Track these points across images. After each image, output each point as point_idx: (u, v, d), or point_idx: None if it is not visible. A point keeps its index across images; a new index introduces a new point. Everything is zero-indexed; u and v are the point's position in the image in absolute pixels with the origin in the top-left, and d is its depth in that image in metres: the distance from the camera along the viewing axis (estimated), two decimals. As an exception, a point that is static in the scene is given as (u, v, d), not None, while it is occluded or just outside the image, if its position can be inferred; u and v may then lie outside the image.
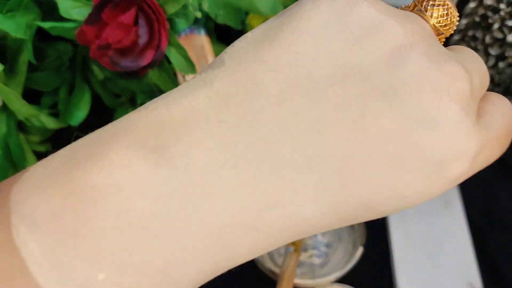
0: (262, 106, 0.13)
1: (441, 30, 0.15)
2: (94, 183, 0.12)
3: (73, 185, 0.12)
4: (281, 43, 0.13)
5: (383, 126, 0.13)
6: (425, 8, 0.15)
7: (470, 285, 0.42)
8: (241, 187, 0.12)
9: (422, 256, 0.44)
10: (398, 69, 0.13)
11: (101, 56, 0.40)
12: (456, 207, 0.48)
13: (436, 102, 0.13)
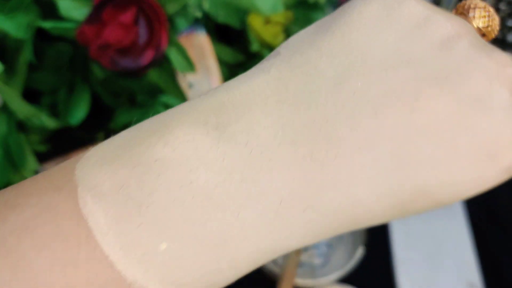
0: (319, 87, 0.13)
1: (483, 31, 0.16)
2: (158, 157, 0.12)
3: (138, 158, 0.12)
4: (335, 33, 0.14)
5: (437, 109, 0.13)
6: (468, 11, 0.16)
7: (470, 285, 0.42)
8: (299, 164, 0.13)
9: (422, 256, 0.44)
10: (449, 56, 0.13)
11: (101, 56, 0.40)
12: (456, 207, 0.48)
13: (487, 87, 0.13)
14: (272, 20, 0.49)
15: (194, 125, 0.13)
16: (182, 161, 0.12)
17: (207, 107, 0.13)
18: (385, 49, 0.13)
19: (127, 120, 0.53)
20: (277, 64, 0.14)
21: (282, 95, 0.13)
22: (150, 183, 0.12)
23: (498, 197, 0.50)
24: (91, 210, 0.12)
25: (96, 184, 0.12)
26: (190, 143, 0.13)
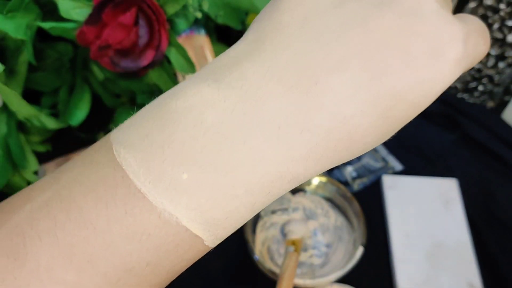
0: (290, 33, 0.16)
1: None
2: (173, 109, 0.15)
3: (157, 113, 0.16)
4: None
5: (384, 26, 0.16)
6: None
7: (470, 285, 0.42)
8: (287, 94, 0.15)
9: (422, 256, 0.44)
10: None
11: (101, 56, 0.40)
12: (456, 207, 0.48)
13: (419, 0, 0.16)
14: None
15: (198, 83, 0.16)
16: (192, 108, 0.15)
17: (205, 72, 0.17)
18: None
19: (127, 121, 0.53)
20: (251, 31, 0.17)
21: (261, 48, 0.16)
22: (168, 128, 0.15)
23: (497, 197, 0.50)
24: (124, 157, 0.15)
25: (126, 139, 0.16)
26: (196, 94, 0.15)
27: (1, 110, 0.45)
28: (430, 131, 0.57)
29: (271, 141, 0.15)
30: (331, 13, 0.16)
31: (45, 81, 0.47)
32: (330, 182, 0.46)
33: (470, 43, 0.17)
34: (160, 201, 0.15)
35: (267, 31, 0.17)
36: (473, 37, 0.18)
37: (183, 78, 0.47)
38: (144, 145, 0.15)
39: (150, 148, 0.15)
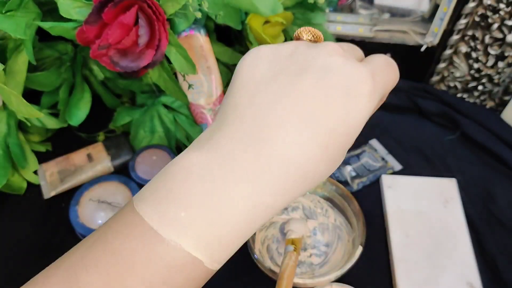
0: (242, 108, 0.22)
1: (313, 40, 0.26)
2: (171, 170, 0.22)
3: (162, 175, 0.22)
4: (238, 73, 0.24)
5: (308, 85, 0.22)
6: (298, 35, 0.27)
7: (470, 284, 0.42)
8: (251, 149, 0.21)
9: (421, 256, 0.44)
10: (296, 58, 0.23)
11: (101, 56, 0.40)
12: (456, 207, 0.48)
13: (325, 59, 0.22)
14: (272, 20, 0.49)
15: (187, 152, 0.22)
16: (183, 168, 0.21)
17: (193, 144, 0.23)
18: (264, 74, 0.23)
19: (127, 120, 0.53)
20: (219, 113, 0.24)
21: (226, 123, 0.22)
22: (169, 184, 0.21)
23: (497, 197, 0.50)
24: (141, 207, 0.21)
25: (142, 195, 0.22)
26: (186, 159, 0.22)
27: (1, 110, 0.45)
28: (430, 131, 0.57)
29: (243, 185, 0.21)
30: (268, 88, 0.22)
31: (45, 81, 0.47)
32: (329, 181, 0.46)
33: (378, 77, 0.23)
34: (167, 234, 0.20)
35: (228, 111, 0.23)
36: (379, 71, 0.23)
37: (183, 78, 0.47)
38: (153, 197, 0.21)
39: (158, 199, 0.21)
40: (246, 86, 0.23)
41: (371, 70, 0.23)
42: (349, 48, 0.26)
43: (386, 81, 0.24)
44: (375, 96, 0.23)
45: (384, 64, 0.24)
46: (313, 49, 0.23)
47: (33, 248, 0.45)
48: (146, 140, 0.53)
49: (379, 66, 0.24)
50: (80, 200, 0.46)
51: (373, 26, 0.59)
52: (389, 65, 0.25)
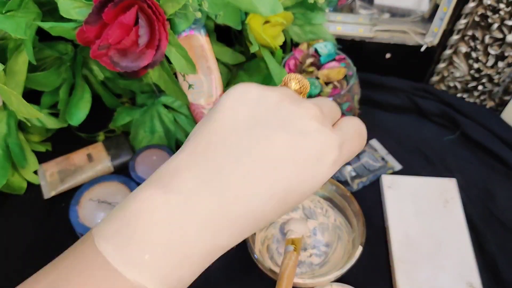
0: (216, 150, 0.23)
1: (299, 91, 0.27)
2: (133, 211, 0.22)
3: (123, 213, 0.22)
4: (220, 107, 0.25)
5: (281, 143, 0.23)
6: (286, 82, 0.27)
7: (469, 284, 0.42)
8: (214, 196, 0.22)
9: (421, 256, 0.44)
10: (278, 113, 0.24)
11: (101, 56, 0.40)
12: (455, 207, 0.48)
13: (304, 122, 0.24)
14: (272, 20, 0.49)
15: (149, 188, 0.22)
16: (145, 210, 0.21)
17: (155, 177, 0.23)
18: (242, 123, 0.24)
19: (127, 120, 0.53)
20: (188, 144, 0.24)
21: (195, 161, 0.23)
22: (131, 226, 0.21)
23: (497, 197, 0.50)
24: (104, 247, 0.21)
25: (103, 233, 0.22)
26: (148, 199, 0.22)
27: (1, 110, 0.45)
28: (430, 131, 0.57)
29: (204, 230, 0.22)
30: (244, 133, 0.23)
31: (45, 81, 0.47)
32: (329, 181, 0.46)
33: (345, 147, 0.25)
34: (132, 275, 0.20)
35: (200, 148, 0.23)
36: (347, 142, 0.25)
37: (183, 78, 0.47)
38: (117, 237, 0.21)
39: (121, 240, 0.21)
40: (224, 126, 0.24)
41: (341, 140, 0.25)
42: (329, 111, 0.27)
43: (352, 151, 0.26)
44: (338, 164, 0.25)
45: (354, 134, 0.26)
46: (297, 108, 0.24)
47: (33, 248, 0.45)
48: (146, 140, 0.53)
49: (349, 135, 0.26)
50: (80, 200, 0.46)
51: (373, 26, 0.59)
52: (359, 135, 0.27)
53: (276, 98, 0.25)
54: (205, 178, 0.22)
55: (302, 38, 0.55)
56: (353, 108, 0.53)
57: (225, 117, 0.24)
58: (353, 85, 0.50)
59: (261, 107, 0.24)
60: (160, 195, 0.22)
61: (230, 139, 0.23)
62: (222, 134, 0.23)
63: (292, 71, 0.52)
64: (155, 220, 0.21)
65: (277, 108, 0.24)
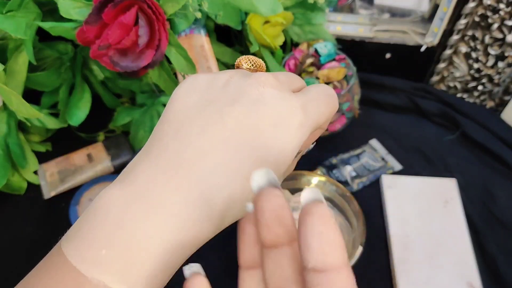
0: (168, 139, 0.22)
1: (254, 69, 0.27)
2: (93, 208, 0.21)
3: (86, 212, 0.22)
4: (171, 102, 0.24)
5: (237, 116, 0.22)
6: (238, 64, 0.27)
7: (470, 284, 0.42)
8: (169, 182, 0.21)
9: (422, 256, 0.44)
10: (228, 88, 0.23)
11: (101, 56, 0.40)
12: (455, 207, 0.48)
13: (258, 91, 0.23)
14: (272, 20, 0.49)
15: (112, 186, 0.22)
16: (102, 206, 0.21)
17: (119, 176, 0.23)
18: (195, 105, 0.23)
19: (127, 120, 0.53)
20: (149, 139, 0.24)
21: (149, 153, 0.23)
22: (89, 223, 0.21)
23: (497, 197, 0.50)
24: (65, 248, 0.21)
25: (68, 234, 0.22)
26: (107, 195, 0.21)
27: (1, 110, 0.45)
28: (430, 131, 0.57)
29: (163, 221, 0.21)
30: (196, 118, 0.22)
31: (45, 81, 0.47)
32: (329, 181, 0.46)
33: (310, 108, 0.23)
34: (90, 272, 0.20)
35: (154, 141, 0.23)
36: (312, 102, 0.24)
37: (183, 78, 0.47)
38: (76, 236, 0.21)
39: (80, 238, 0.21)
40: (176, 116, 0.23)
41: (304, 102, 0.23)
42: (286, 78, 0.25)
43: (319, 113, 0.24)
44: (305, 127, 0.23)
45: (321, 96, 0.25)
46: (247, 79, 0.23)
47: (33, 248, 0.45)
48: (146, 140, 0.53)
49: (314, 98, 0.24)
50: (80, 200, 0.46)
51: (373, 26, 0.59)
52: (326, 96, 0.25)
53: (225, 76, 0.24)
54: (159, 167, 0.21)
55: (302, 38, 0.55)
56: (353, 108, 0.53)
57: (176, 107, 0.23)
58: (353, 85, 0.50)
59: (211, 89, 0.24)
60: (117, 191, 0.21)
61: (182, 124, 0.22)
62: (174, 122, 0.23)
63: (292, 71, 0.52)
64: (111, 215, 0.21)
65: (227, 85, 0.23)
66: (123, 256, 0.20)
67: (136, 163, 0.23)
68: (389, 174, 0.51)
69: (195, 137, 0.22)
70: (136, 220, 0.21)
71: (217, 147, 0.21)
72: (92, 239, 0.20)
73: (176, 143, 0.22)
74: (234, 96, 0.23)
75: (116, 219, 0.21)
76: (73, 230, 0.22)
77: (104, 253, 0.20)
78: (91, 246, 0.20)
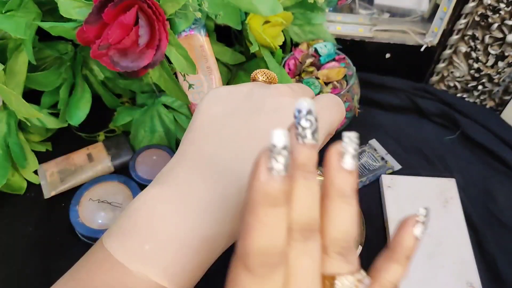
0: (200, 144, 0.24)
1: (268, 81, 0.29)
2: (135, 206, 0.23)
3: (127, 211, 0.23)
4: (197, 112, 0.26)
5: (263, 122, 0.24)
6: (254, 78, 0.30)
7: (470, 284, 0.42)
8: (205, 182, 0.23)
9: (422, 256, 0.44)
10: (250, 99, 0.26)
11: (101, 56, 0.40)
12: (455, 207, 0.48)
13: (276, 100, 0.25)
14: (272, 20, 0.49)
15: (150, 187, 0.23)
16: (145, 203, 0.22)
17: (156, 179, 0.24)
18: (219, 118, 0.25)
19: (127, 120, 0.53)
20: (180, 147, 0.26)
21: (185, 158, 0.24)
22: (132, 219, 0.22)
23: (497, 197, 0.50)
24: (109, 244, 0.22)
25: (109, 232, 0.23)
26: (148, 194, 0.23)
27: (1, 110, 0.45)
28: (430, 131, 0.57)
29: (202, 215, 0.22)
30: (224, 125, 0.24)
31: (45, 81, 0.47)
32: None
33: (324, 114, 0.26)
34: (134, 266, 0.21)
35: (187, 146, 0.25)
36: (324, 110, 0.26)
37: (183, 78, 0.47)
38: (119, 233, 0.22)
39: (123, 234, 0.22)
40: (204, 124, 0.25)
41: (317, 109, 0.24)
42: (299, 88, 0.28)
43: (332, 119, 0.27)
44: (321, 132, 0.25)
45: (331, 103, 0.27)
46: (266, 90, 0.26)
47: (33, 248, 0.45)
48: (146, 140, 0.53)
49: (326, 106, 0.26)
50: (80, 200, 0.46)
51: (373, 26, 0.60)
52: (336, 104, 0.27)
53: (245, 88, 0.26)
54: (195, 169, 0.23)
55: (302, 38, 0.55)
56: (353, 108, 0.53)
57: (203, 116, 0.25)
58: (353, 85, 0.50)
59: (234, 100, 0.26)
60: (157, 191, 0.23)
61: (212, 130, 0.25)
62: (204, 131, 0.25)
63: (292, 71, 0.52)
64: (153, 212, 0.22)
65: (249, 96, 0.26)
66: (166, 250, 0.21)
67: (173, 166, 0.24)
68: (388, 174, 0.51)
69: (226, 142, 0.24)
70: (176, 216, 0.22)
71: (246, 150, 0.23)
72: (135, 234, 0.22)
73: (210, 148, 0.24)
74: (256, 105, 0.25)
75: (158, 216, 0.22)
76: (115, 227, 0.23)
77: (147, 248, 0.21)
78: (135, 241, 0.21)
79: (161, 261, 0.21)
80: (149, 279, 0.21)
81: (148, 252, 0.21)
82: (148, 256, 0.21)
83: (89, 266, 0.22)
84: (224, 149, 0.23)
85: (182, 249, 0.22)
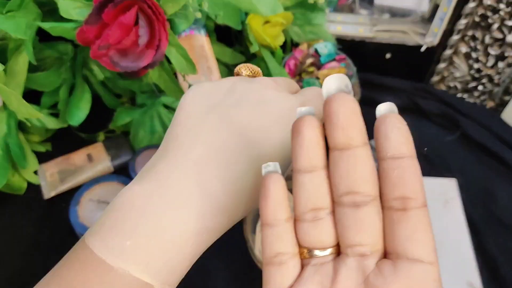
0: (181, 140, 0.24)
1: (252, 75, 0.29)
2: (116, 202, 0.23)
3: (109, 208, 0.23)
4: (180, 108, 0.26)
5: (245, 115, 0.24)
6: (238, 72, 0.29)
7: (470, 284, 0.42)
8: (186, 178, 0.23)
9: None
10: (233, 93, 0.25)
11: (101, 56, 0.40)
12: (456, 207, 0.48)
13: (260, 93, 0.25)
14: (272, 20, 0.49)
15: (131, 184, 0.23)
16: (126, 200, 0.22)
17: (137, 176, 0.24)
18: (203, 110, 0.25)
19: (127, 120, 0.53)
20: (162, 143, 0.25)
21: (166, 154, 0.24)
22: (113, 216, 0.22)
23: (497, 197, 0.50)
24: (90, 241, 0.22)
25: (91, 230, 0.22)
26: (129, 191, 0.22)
27: (1, 110, 0.45)
28: (430, 131, 0.57)
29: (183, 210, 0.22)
30: (206, 119, 0.24)
31: (45, 81, 0.47)
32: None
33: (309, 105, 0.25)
34: (116, 262, 0.21)
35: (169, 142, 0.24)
36: (309, 103, 0.25)
37: (183, 78, 0.47)
38: (101, 230, 0.22)
39: (105, 231, 0.22)
40: (186, 119, 0.25)
41: (303, 101, 0.25)
42: (283, 82, 0.28)
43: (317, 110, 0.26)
44: None
45: (316, 95, 0.27)
46: (249, 83, 0.26)
47: (33, 248, 0.45)
48: (146, 140, 0.53)
49: (310, 97, 0.26)
50: (80, 200, 0.46)
51: (373, 26, 0.60)
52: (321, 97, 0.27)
53: (228, 83, 0.26)
54: (176, 164, 0.23)
55: (302, 38, 0.55)
56: (353, 108, 0.53)
57: (185, 112, 0.25)
58: (353, 85, 0.50)
59: (216, 94, 0.25)
60: (138, 187, 0.23)
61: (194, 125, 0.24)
62: (185, 124, 0.25)
63: (292, 71, 0.52)
64: (134, 208, 0.22)
65: (231, 90, 0.26)
66: (147, 246, 0.21)
67: (155, 162, 0.24)
68: (389, 174, 0.51)
69: (206, 136, 0.23)
70: (157, 212, 0.22)
71: (227, 144, 0.23)
72: (116, 231, 0.22)
73: (190, 142, 0.24)
74: (239, 98, 0.25)
75: (138, 212, 0.22)
76: (97, 225, 0.23)
77: (128, 244, 0.21)
78: (116, 237, 0.21)
79: (142, 257, 0.21)
80: (131, 276, 0.21)
81: (129, 248, 0.21)
82: (129, 252, 0.21)
83: (71, 264, 0.22)
84: (205, 143, 0.23)
85: (164, 245, 0.22)
